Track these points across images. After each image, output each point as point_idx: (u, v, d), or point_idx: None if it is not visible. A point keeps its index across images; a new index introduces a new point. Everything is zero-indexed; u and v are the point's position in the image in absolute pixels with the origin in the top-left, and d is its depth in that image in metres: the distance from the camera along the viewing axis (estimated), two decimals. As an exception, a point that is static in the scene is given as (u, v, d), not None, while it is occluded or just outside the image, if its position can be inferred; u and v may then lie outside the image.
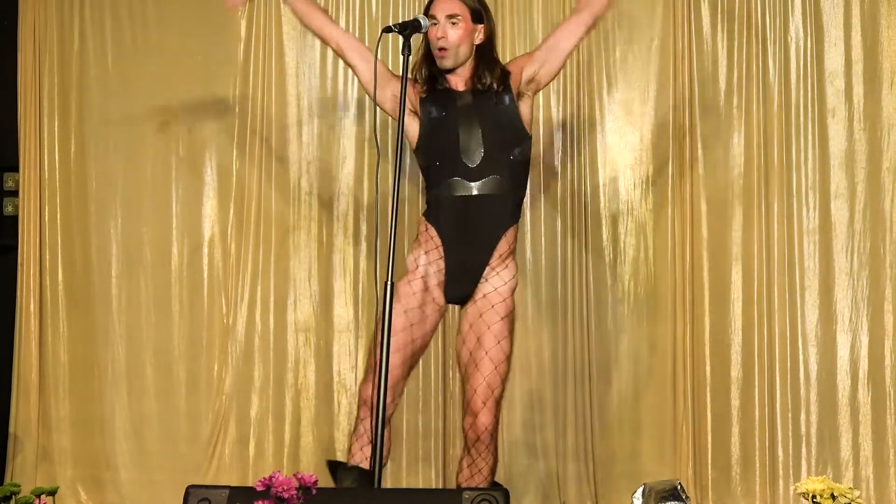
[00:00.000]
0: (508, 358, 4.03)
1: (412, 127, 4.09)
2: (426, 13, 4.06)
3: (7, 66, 5.38)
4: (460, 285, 4.05)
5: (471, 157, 4.02)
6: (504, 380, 4.02)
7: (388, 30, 3.85)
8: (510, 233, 4.06)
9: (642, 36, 5.20)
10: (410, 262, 4.11)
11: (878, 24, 5.08)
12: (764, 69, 5.12)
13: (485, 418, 3.95)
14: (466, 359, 4.02)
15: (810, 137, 5.10)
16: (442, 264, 4.06)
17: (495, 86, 4.07)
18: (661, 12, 5.19)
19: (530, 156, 4.16)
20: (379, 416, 3.45)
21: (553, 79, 4.28)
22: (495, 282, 4.03)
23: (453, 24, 4.03)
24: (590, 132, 5.21)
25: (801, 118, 5.10)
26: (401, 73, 3.77)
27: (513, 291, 4.06)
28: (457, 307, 4.26)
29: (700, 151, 5.15)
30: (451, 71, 4.09)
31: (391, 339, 3.57)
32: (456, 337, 4.13)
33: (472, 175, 4.00)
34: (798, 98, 5.11)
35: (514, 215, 4.10)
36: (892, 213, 5.04)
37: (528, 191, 4.17)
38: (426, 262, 4.05)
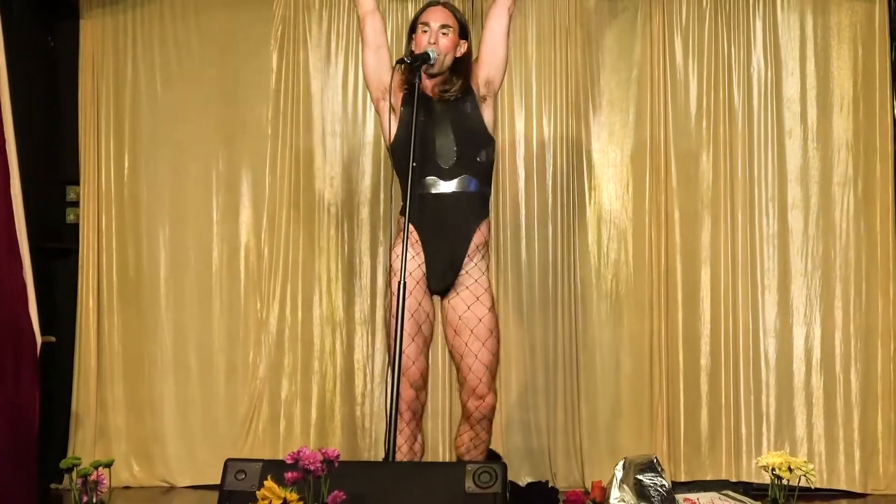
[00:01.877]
0: (499, 343, 3.97)
1: (393, 124, 3.96)
2: (418, 20, 3.95)
3: (69, 94, 5.37)
4: (442, 277, 3.89)
5: (445, 159, 3.87)
6: (499, 364, 3.99)
7: (400, 62, 3.83)
8: (483, 226, 3.95)
9: (624, 67, 5.23)
10: (393, 259, 3.92)
11: (830, 56, 5.12)
12: (729, 96, 5.15)
13: (491, 399, 3.93)
14: (463, 349, 3.89)
15: (770, 155, 5.13)
16: (422, 258, 3.90)
17: (458, 94, 3.92)
18: (639, 47, 5.22)
19: (493, 155, 4.02)
20: (394, 396, 3.41)
21: (503, 73, 4.01)
22: (475, 273, 3.90)
23: (444, 34, 3.89)
24: (577, 150, 5.22)
25: (762, 138, 5.14)
26: (413, 95, 3.75)
27: (489, 280, 3.96)
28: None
29: (673, 167, 5.17)
30: (431, 77, 3.92)
31: (404, 338, 3.56)
32: (445, 327, 3.97)
33: (446, 175, 3.86)
34: (759, 121, 5.14)
35: (485, 210, 3.98)
36: (841, 222, 5.06)
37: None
38: (409, 257, 3.84)
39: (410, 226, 3.85)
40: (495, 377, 3.97)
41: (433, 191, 3.88)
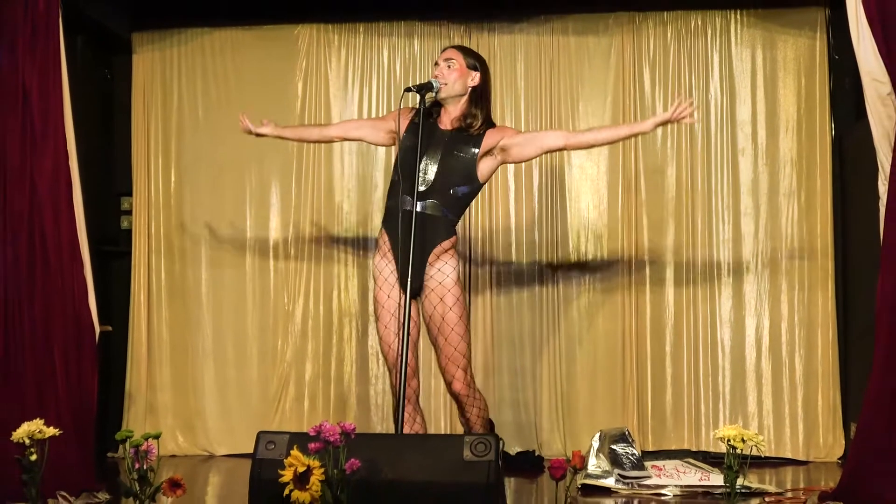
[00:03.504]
0: (464, 335, 3.93)
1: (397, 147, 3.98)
2: (436, 63, 3.98)
3: (123, 118, 5.37)
4: (411, 280, 3.73)
5: (423, 183, 3.81)
6: (467, 348, 3.95)
7: (408, 90, 3.86)
8: (446, 242, 3.89)
9: (599, 94, 5.21)
10: (374, 268, 3.96)
11: (777, 85, 5.11)
12: (690, 119, 5.16)
13: (460, 379, 3.93)
14: (435, 339, 3.94)
15: (725, 170, 5.12)
16: (394, 265, 3.89)
17: (473, 132, 3.86)
18: (612, 76, 5.21)
19: (472, 195, 3.98)
20: (403, 380, 3.45)
21: (519, 162, 3.98)
22: (439, 276, 3.87)
23: (448, 65, 3.88)
24: (559, 166, 5.21)
25: (719, 156, 5.13)
26: (415, 119, 3.80)
27: (457, 279, 3.90)
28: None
29: (643, 180, 5.16)
30: (444, 102, 3.91)
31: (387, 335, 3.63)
32: (426, 321, 3.98)
33: (419, 196, 3.77)
34: (716, 140, 5.13)
35: (449, 232, 3.90)
36: (786, 228, 5.06)
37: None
38: (384, 264, 3.89)
39: (385, 234, 3.94)
40: (466, 360, 3.94)
41: (406, 207, 3.80)
